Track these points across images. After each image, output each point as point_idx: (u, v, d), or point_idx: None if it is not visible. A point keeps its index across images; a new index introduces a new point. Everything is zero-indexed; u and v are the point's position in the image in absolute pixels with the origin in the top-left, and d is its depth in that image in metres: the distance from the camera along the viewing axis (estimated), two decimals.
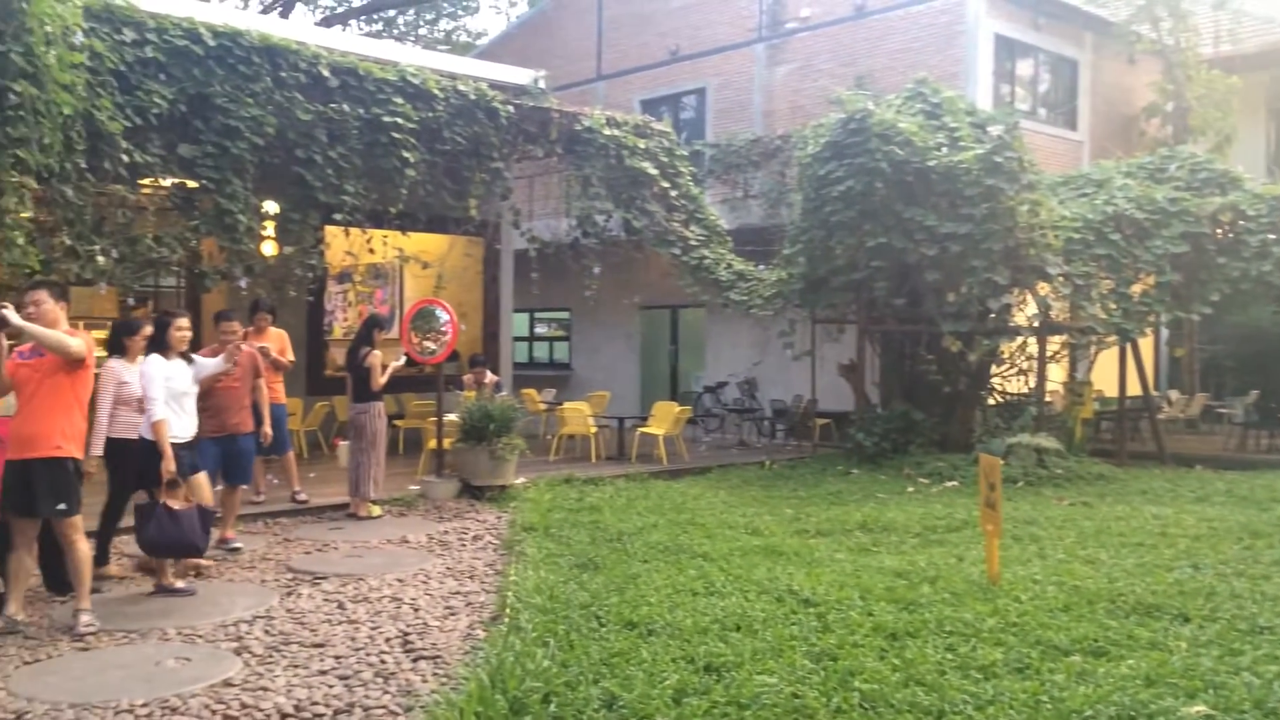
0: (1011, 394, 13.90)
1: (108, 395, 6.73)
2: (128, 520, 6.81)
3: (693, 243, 14.55)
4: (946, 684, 4.55)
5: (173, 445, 6.38)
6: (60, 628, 5.75)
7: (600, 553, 7.42)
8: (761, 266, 14.81)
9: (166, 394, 6.44)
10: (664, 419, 13.36)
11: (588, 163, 13.95)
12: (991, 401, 13.85)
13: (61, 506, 5.67)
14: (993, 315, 12.42)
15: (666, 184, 14.45)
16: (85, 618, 5.72)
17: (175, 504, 6.29)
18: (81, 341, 5.75)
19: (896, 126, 12.20)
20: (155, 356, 6.56)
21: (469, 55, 23.50)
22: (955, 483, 10.94)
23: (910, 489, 10.74)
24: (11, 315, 5.39)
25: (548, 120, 13.57)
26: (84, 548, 5.86)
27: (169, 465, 6.32)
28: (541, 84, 13.98)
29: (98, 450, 6.60)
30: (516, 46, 22.19)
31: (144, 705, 4.54)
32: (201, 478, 6.91)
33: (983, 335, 12.51)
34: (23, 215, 8.46)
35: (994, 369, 13.63)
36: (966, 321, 12.27)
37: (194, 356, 6.92)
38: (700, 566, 6.98)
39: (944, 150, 12.38)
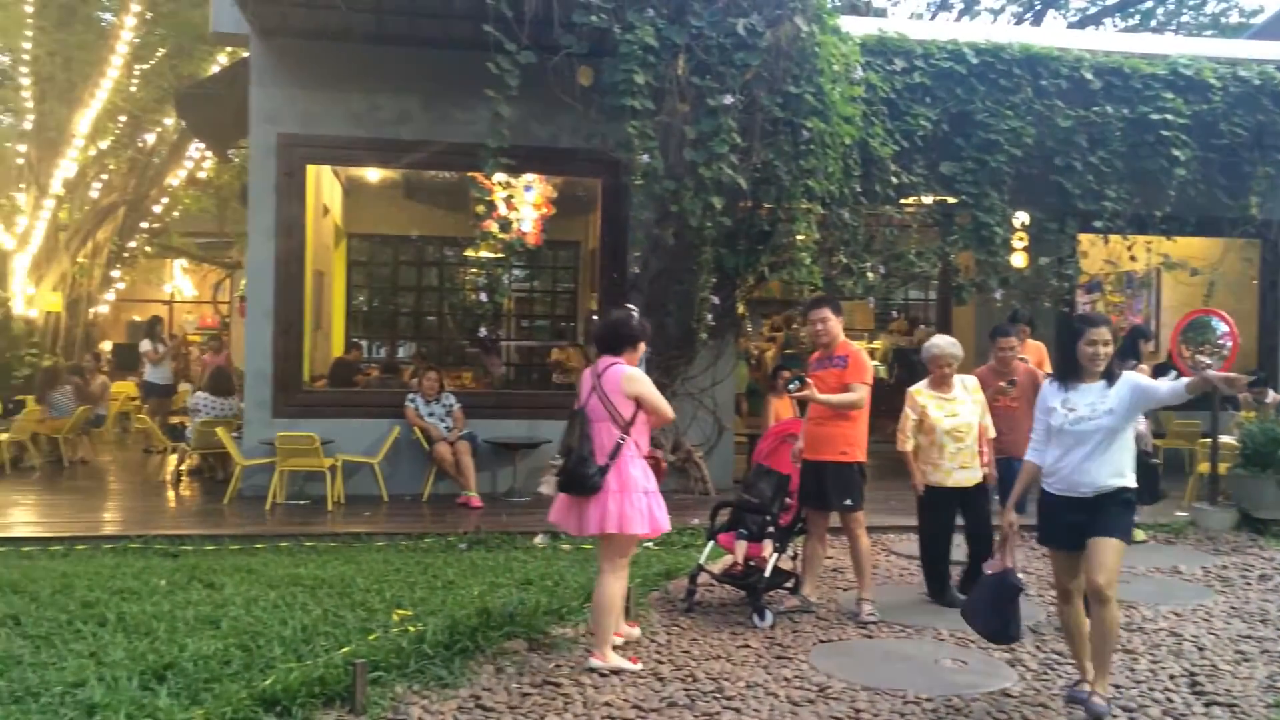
0: None
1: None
2: None
3: None
4: None
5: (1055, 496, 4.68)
6: (845, 613, 6.26)
7: None
8: None
9: (1047, 429, 4.71)
10: None
11: None
12: None
13: (848, 502, 6.22)
14: None
15: None
16: (867, 607, 6.17)
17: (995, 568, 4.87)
18: (864, 392, 6.17)
19: None
20: (1052, 381, 4.83)
21: (1242, 37, 20.96)
22: None
23: None
24: (812, 393, 6.07)
25: None
26: (866, 541, 6.33)
27: (1006, 515, 4.85)
28: None
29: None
30: None
31: (929, 700, 4.73)
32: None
33: None
34: (809, 238, 9.49)
35: None
36: None
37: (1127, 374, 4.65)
38: None
39: None
